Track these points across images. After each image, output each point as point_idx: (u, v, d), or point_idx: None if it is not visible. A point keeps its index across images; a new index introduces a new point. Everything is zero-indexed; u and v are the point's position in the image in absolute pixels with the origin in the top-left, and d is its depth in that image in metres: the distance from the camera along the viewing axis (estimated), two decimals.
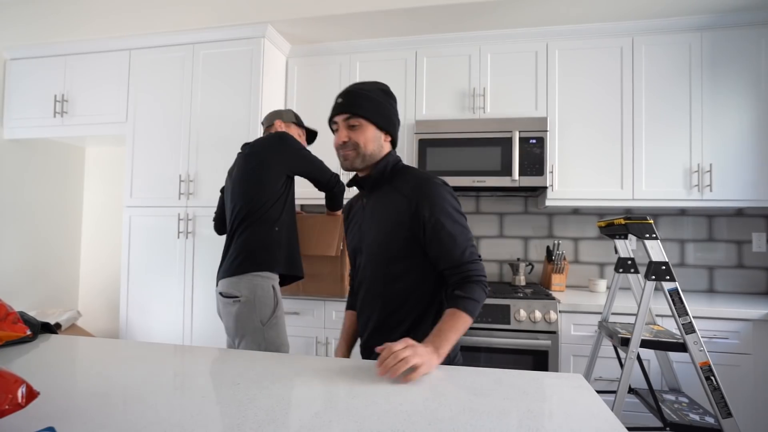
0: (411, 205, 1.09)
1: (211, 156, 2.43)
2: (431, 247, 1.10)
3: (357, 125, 1.12)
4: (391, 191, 1.14)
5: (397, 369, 0.86)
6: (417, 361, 0.88)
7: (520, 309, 2.02)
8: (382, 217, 1.15)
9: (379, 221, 1.15)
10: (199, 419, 0.69)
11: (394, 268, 1.13)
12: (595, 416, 0.73)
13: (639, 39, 2.29)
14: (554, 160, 2.33)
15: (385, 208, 1.14)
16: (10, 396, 0.59)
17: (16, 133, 2.72)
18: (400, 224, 1.11)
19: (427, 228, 1.09)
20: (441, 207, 1.08)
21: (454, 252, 1.08)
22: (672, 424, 1.51)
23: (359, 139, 1.12)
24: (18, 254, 2.76)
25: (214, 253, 2.37)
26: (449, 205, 1.10)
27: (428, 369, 0.91)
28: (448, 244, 1.08)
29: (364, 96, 1.13)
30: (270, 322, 1.63)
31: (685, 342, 1.49)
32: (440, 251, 1.09)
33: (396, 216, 1.11)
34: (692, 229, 2.51)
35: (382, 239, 1.14)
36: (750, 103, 2.18)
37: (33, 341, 1.15)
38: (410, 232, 1.11)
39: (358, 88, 1.15)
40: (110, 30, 2.56)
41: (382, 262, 1.15)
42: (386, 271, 1.14)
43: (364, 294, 1.21)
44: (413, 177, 1.13)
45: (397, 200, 1.12)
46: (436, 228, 1.08)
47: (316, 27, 2.43)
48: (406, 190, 1.11)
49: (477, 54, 2.45)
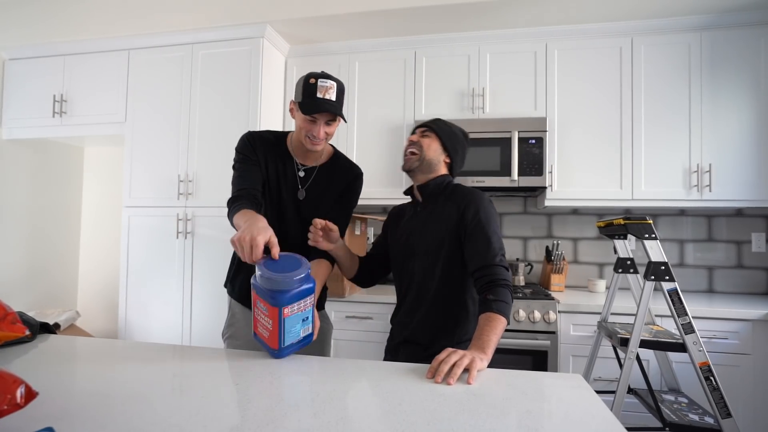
0: (459, 209, 1.26)
1: (210, 156, 2.43)
2: (468, 246, 1.23)
3: (428, 135, 1.34)
4: (446, 202, 1.31)
5: (454, 374, 0.89)
6: (467, 361, 0.92)
7: (520, 309, 2.02)
8: (436, 224, 1.29)
9: (433, 228, 1.29)
10: (199, 419, 0.69)
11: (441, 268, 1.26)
12: (594, 416, 0.73)
13: (638, 39, 2.29)
14: (553, 160, 2.33)
15: (440, 216, 1.29)
16: (9, 396, 0.59)
17: (15, 133, 2.72)
18: (450, 229, 1.26)
19: (468, 228, 1.23)
20: (484, 212, 1.24)
21: (487, 253, 1.19)
22: (671, 425, 1.51)
23: (424, 143, 1.32)
24: (17, 254, 2.75)
25: (213, 253, 2.37)
26: (490, 214, 1.25)
27: (482, 366, 0.95)
28: (483, 245, 1.20)
29: (445, 123, 1.37)
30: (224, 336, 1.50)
31: (685, 342, 1.49)
32: (475, 250, 1.21)
33: (448, 222, 1.27)
34: (692, 229, 2.51)
35: (436, 244, 1.27)
36: (749, 103, 2.19)
37: (32, 341, 1.15)
38: (456, 234, 1.25)
39: (442, 120, 1.39)
40: (109, 30, 2.56)
41: (434, 264, 1.27)
42: (437, 273, 1.27)
43: (415, 294, 1.31)
44: (466, 189, 1.32)
45: (450, 209, 1.28)
46: (476, 229, 1.22)
47: (315, 27, 2.43)
48: (458, 200, 1.28)
49: (476, 54, 2.45)
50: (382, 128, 2.52)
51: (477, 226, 1.22)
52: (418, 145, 1.32)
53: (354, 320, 2.18)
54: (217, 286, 2.36)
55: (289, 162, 1.37)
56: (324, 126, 1.27)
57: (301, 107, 1.24)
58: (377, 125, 2.53)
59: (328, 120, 1.27)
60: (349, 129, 2.56)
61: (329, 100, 1.23)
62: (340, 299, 2.18)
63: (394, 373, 0.94)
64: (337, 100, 1.26)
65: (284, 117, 2.67)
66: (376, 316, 2.18)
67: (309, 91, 1.22)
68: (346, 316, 2.19)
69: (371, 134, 2.53)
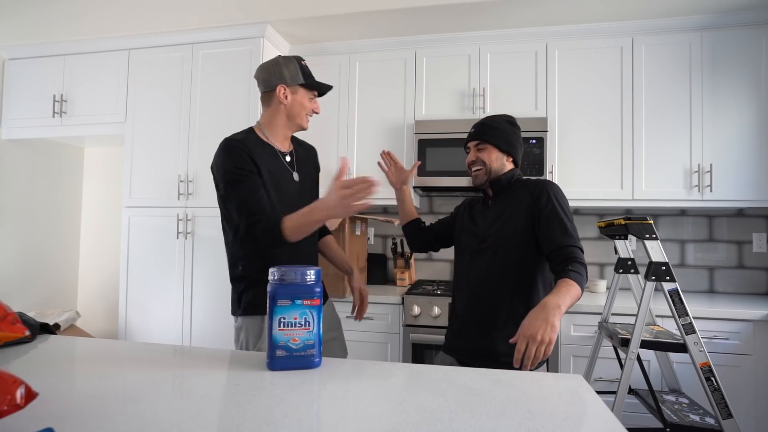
0: (533, 195, 1.31)
1: (210, 156, 2.41)
2: (543, 230, 1.28)
3: (484, 148, 1.40)
4: (517, 192, 1.37)
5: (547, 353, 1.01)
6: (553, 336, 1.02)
7: None
8: (510, 213, 1.35)
9: (507, 218, 1.35)
10: (199, 420, 0.69)
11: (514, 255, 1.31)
12: (594, 417, 0.73)
13: (639, 39, 2.29)
14: (554, 160, 2.32)
15: (512, 205, 1.35)
16: (9, 397, 0.58)
17: (14, 133, 2.72)
18: (523, 215, 1.31)
19: (543, 213, 1.28)
20: (558, 199, 1.30)
21: (564, 236, 1.25)
22: (672, 425, 1.51)
23: (485, 157, 1.39)
24: (17, 254, 2.75)
25: (214, 253, 2.37)
26: (564, 202, 1.32)
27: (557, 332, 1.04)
28: (559, 228, 1.26)
29: (491, 126, 1.40)
30: None
31: (686, 342, 1.49)
32: (551, 234, 1.26)
33: (522, 209, 1.32)
34: (692, 229, 2.51)
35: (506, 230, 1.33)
36: (750, 103, 2.18)
37: (32, 342, 1.15)
38: (530, 221, 1.30)
39: (488, 119, 1.43)
40: (109, 30, 2.56)
41: (504, 249, 1.32)
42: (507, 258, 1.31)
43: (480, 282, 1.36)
44: (537, 180, 1.37)
45: (524, 196, 1.34)
46: (552, 213, 1.27)
47: (316, 27, 2.43)
48: (531, 187, 1.34)
49: (477, 54, 2.45)
50: (383, 128, 2.52)
51: (552, 211, 1.27)
52: (479, 161, 1.39)
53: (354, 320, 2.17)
54: (217, 286, 2.36)
55: (273, 152, 1.37)
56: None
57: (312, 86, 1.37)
58: (377, 125, 2.53)
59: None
60: (350, 129, 2.55)
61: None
62: (341, 299, 2.18)
63: (394, 373, 0.94)
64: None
65: None
66: (377, 316, 2.18)
67: (307, 72, 1.37)
68: (346, 316, 2.19)
69: (372, 134, 2.53)
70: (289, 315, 0.95)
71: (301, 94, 1.37)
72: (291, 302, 0.95)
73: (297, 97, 1.36)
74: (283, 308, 0.94)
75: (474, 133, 1.43)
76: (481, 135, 1.40)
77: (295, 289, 0.95)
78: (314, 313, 0.96)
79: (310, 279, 0.97)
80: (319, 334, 0.98)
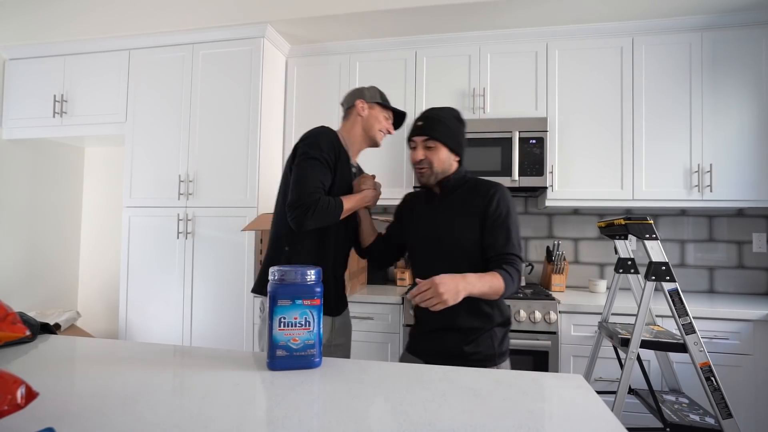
0: (485, 200, 1.30)
1: (211, 156, 2.43)
2: (488, 234, 1.28)
3: (433, 146, 1.32)
4: (468, 194, 1.34)
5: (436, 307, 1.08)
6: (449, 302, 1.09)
7: (520, 309, 2.02)
8: (461, 215, 1.32)
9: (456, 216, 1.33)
10: (199, 420, 0.69)
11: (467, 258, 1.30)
12: (595, 417, 0.73)
13: (639, 39, 2.29)
14: (554, 160, 2.32)
15: (465, 208, 1.32)
16: (9, 396, 0.59)
17: (15, 134, 2.72)
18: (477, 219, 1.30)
19: (491, 219, 1.28)
20: (507, 206, 1.29)
21: (507, 243, 1.26)
22: (672, 425, 1.51)
23: (433, 158, 1.32)
24: (17, 254, 2.76)
25: (214, 253, 2.37)
26: (513, 208, 1.31)
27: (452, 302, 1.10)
28: (503, 235, 1.27)
29: (440, 121, 1.33)
30: None
31: (686, 342, 1.49)
32: (495, 239, 1.27)
33: (476, 213, 1.30)
34: (692, 229, 2.51)
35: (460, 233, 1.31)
36: (750, 103, 2.18)
37: (32, 342, 1.15)
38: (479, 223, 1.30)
39: (435, 113, 1.35)
40: (110, 30, 2.56)
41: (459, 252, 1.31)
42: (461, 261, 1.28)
43: None
44: (490, 183, 1.35)
45: (475, 200, 1.32)
46: (499, 219, 1.27)
47: (316, 27, 2.43)
48: (483, 191, 1.31)
49: (477, 54, 2.45)
50: None
51: (500, 217, 1.27)
52: (426, 161, 1.33)
53: (354, 320, 2.17)
54: (217, 286, 2.37)
55: (347, 159, 1.49)
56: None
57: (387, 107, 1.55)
58: None
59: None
60: None
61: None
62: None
63: (394, 373, 0.94)
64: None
65: (285, 116, 2.67)
66: (376, 316, 2.18)
67: (385, 98, 1.54)
68: None
69: None
70: (289, 315, 0.95)
71: (377, 110, 1.52)
72: (291, 302, 0.95)
73: (374, 112, 1.51)
74: (284, 308, 0.95)
75: (423, 127, 1.33)
76: (431, 131, 1.31)
77: (295, 289, 0.95)
78: (314, 313, 0.96)
79: (311, 279, 0.97)
80: (320, 334, 0.98)
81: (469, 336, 1.28)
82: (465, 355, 1.27)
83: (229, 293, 2.34)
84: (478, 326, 1.28)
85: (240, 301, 2.33)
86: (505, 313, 1.33)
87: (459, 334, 1.29)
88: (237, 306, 2.33)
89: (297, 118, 2.65)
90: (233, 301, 2.34)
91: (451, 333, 1.30)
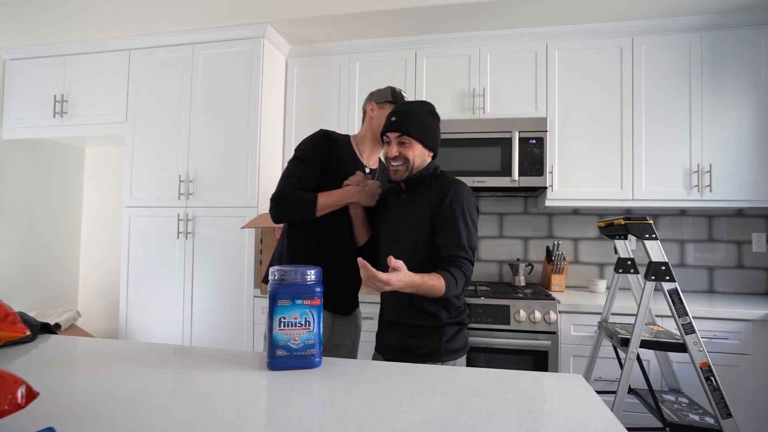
0: (438, 197, 1.26)
1: (211, 156, 2.43)
2: (439, 234, 1.24)
3: (407, 143, 1.29)
4: (427, 190, 1.31)
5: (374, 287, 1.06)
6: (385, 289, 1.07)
7: (520, 309, 2.02)
8: (416, 211, 1.30)
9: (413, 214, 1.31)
10: (199, 419, 0.69)
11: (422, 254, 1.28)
12: (594, 417, 0.73)
13: (639, 39, 2.29)
14: (554, 160, 2.33)
15: (420, 204, 1.30)
16: (10, 396, 0.59)
17: (15, 134, 2.72)
18: (429, 216, 1.27)
19: (442, 215, 1.24)
20: (460, 203, 1.24)
21: (457, 244, 1.22)
22: (672, 425, 1.51)
23: (408, 154, 1.29)
24: (17, 254, 2.76)
25: (214, 253, 2.37)
26: (467, 206, 1.26)
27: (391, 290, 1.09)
28: (454, 235, 1.23)
29: (415, 117, 1.30)
30: None
31: (685, 342, 1.49)
32: (446, 240, 1.23)
33: (428, 208, 1.28)
34: (692, 229, 2.51)
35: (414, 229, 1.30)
36: (750, 103, 2.19)
37: (32, 341, 1.15)
38: (431, 221, 1.27)
39: (410, 109, 1.33)
40: (110, 30, 2.56)
41: (412, 248, 1.29)
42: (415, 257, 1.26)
43: None
44: (447, 179, 1.32)
45: (431, 196, 1.29)
46: (450, 218, 1.23)
47: (316, 27, 2.43)
48: (439, 188, 1.29)
49: (477, 54, 2.45)
50: None
51: (452, 216, 1.23)
52: (402, 157, 1.29)
53: None
54: (217, 286, 2.37)
55: (357, 161, 1.50)
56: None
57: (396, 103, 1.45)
58: None
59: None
60: (350, 129, 2.55)
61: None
62: None
63: (395, 373, 0.94)
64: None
65: (285, 117, 2.67)
66: (376, 316, 2.17)
67: (398, 95, 1.48)
68: None
69: None
70: (289, 315, 0.95)
71: (387, 110, 1.46)
72: (291, 302, 0.95)
73: (383, 112, 1.47)
74: (284, 308, 0.95)
75: (396, 123, 1.30)
76: (405, 128, 1.29)
77: (295, 288, 0.95)
78: (314, 313, 0.96)
79: (311, 279, 0.97)
80: (320, 334, 0.98)
81: (415, 330, 1.29)
82: (410, 348, 1.28)
83: (229, 293, 2.35)
84: (424, 323, 1.28)
85: (240, 301, 2.33)
86: (455, 312, 1.30)
87: (406, 329, 1.30)
88: (237, 306, 2.33)
89: (297, 118, 2.65)
90: (233, 301, 2.34)
91: (400, 328, 1.32)
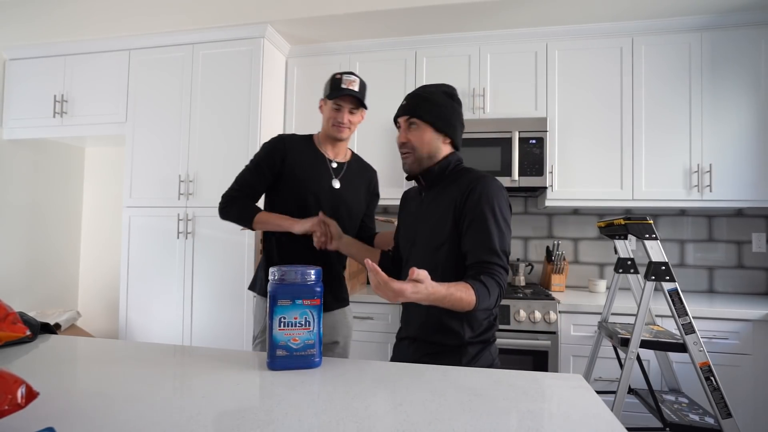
0: (463, 195, 1.10)
1: (211, 156, 2.43)
2: (467, 237, 1.08)
3: (415, 124, 1.16)
4: (449, 186, 1.15)
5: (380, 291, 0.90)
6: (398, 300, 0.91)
7: (520, 309, 2.02)
8: (437, 210, 1.15)
9: (433, 214, 1.16)
10: (199, 419, 0.69)
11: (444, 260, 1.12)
12: (594, 417, 0.73)
13: (639, 39, 2.29)
14: (554, 160, 2.33)
15: (441, 202, 1.15)
16: (10, 396, 0.59)
17: (15, 134, 2.72)
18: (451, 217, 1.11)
19: (469, 215, 1.07)
20: (489, 200, 1.07)
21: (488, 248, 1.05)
22: (672, 425, 1.51)
23: (414, 139, 1.16)
24: (17, 254, 2.76)
25: (214, 253, 2.37)
26: (499, 204, 1.08)
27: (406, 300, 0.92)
28: (484, 238, 1.06)
29: (426, 98, 1.16)
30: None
31: (685, 342, 1.49)
32: (475, 243, 1.07)
33: (450, 207, 1.12)
34: (692, 229, 2.51)
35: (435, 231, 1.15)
36: (750, 103, 2.18)
37: (32, 341, 1.15)
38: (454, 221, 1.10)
39: (422, 90, 1.20)
40: (110, 30, 2.56)
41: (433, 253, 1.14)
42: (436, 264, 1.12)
43: None
44: (474, 173, 1.15)
45: (454, 193, 1.12)
46: (479, 218, 1.06)
47: (316, 27, 2.43)
48: (464, 184, 1.12)
49: (477, 54, 2.45)
50: (383, 128, 2.51)
51: (479, 216, 1.06)
52: (408, 145, 1.17)
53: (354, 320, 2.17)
54: (217, 286, 2.37)
55: (320, 156, 1.51)
56: (348, 114, 1.45)
57: (329, 96, 1.43)
58: (378, 125, 2.52)
59: (351, 108, 1.45)
60: None
61: (352, 90, 1.41)
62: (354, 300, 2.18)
63: (394, 373, 0.94)
64: (360, 91, 1.43)
65: (285, 117, 2.67)
66: (376, 316, 2.18)
67: (335, 84, 1.41)
68: None
69: (372, 134, 2.53)
70: (289, 315, 0.95)
71: (328, 105, 1.46)
72: (291, 302, 0.95)
73: (326, 108, 1.48)
74: (284, 308, 0.95)
75: (405, 106, 1.17)
76: (412, 110, 1.15)
77: (295, 288, 0.95)
78: (314, 313, 0.96)
79: (311, 279, 0.97)
80: (320, 334, 0.98)
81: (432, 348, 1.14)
82: None
83: (229, 293, 2.34)
84: (443, 342, 1.13)
85: (240, 301, 2.33)
86: (481, 329, 1.13)
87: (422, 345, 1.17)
88: (237, 306, 2.33)
89: (297, 118, 2.65)
90: (233, 301, 2.34)
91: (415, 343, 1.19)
